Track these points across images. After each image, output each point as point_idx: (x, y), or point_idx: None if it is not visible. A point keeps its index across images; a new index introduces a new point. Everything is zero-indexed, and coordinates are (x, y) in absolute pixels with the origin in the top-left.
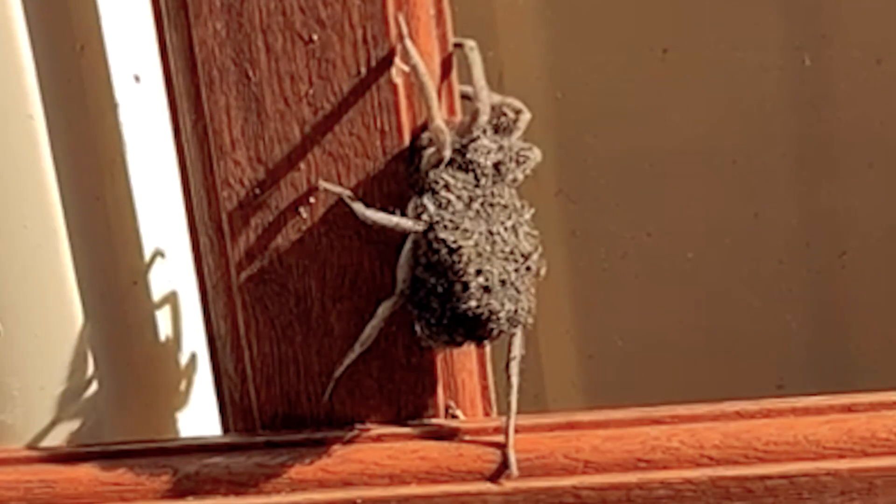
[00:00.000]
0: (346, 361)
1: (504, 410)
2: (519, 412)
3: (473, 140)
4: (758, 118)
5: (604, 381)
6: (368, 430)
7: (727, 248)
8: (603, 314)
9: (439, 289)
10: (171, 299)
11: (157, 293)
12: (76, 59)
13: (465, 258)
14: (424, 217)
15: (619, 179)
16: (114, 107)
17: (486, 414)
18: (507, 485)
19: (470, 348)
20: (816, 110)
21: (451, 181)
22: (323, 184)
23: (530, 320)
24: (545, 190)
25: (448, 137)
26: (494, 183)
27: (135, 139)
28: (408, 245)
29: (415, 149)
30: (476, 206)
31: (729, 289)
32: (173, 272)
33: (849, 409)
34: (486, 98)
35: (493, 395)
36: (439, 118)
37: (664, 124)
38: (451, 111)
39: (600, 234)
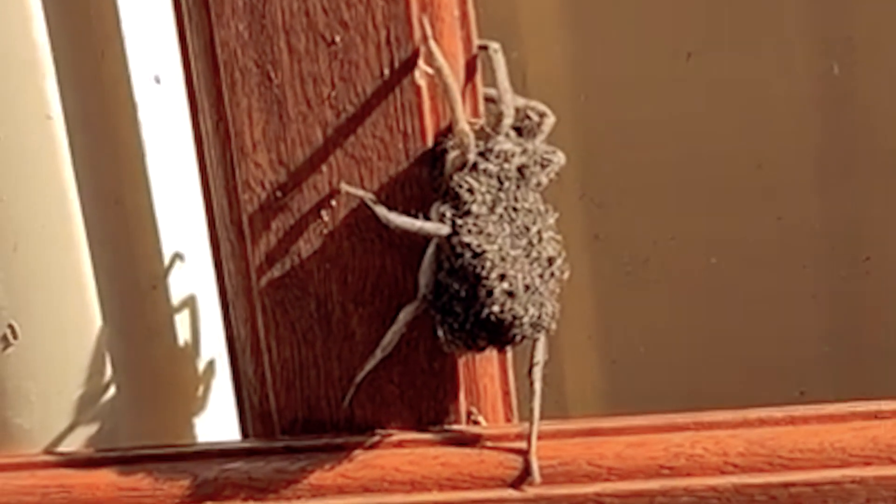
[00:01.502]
0: (368, 367)
1: (526, 416)
2: (540, 418)
3: (497, 143)
4: (782, 122)
5: (626, 387)
6: (389, 435)
7: (751, 253)
8: (625, 319)
9: (462, 293)
10: (191, 303)
11: (176, 297)
12: (96, 60)
13: (488, 263)
14: (448, 221)
15: (642, 183)
16: (134, 108)
17: (508, 420)
18: (530, 491)
19: (492, 353)
20: (841, 114)
21: (475, 185)
22: (345, 187)
23: (554, 326)
24: (568, 194)
25: (472, 140)
26: (518, 187)
27: (155, 141)
28: (431, 249)
29: (438, 152)
30: (500, 209)
31: (752, 294)
32: (193, 276)
33: (874, 415)
34: (511, 101)
35: (514, 401)
36: (463, 121)
37: (688, 128)
38: (475, 114)
39: (623, 239)
